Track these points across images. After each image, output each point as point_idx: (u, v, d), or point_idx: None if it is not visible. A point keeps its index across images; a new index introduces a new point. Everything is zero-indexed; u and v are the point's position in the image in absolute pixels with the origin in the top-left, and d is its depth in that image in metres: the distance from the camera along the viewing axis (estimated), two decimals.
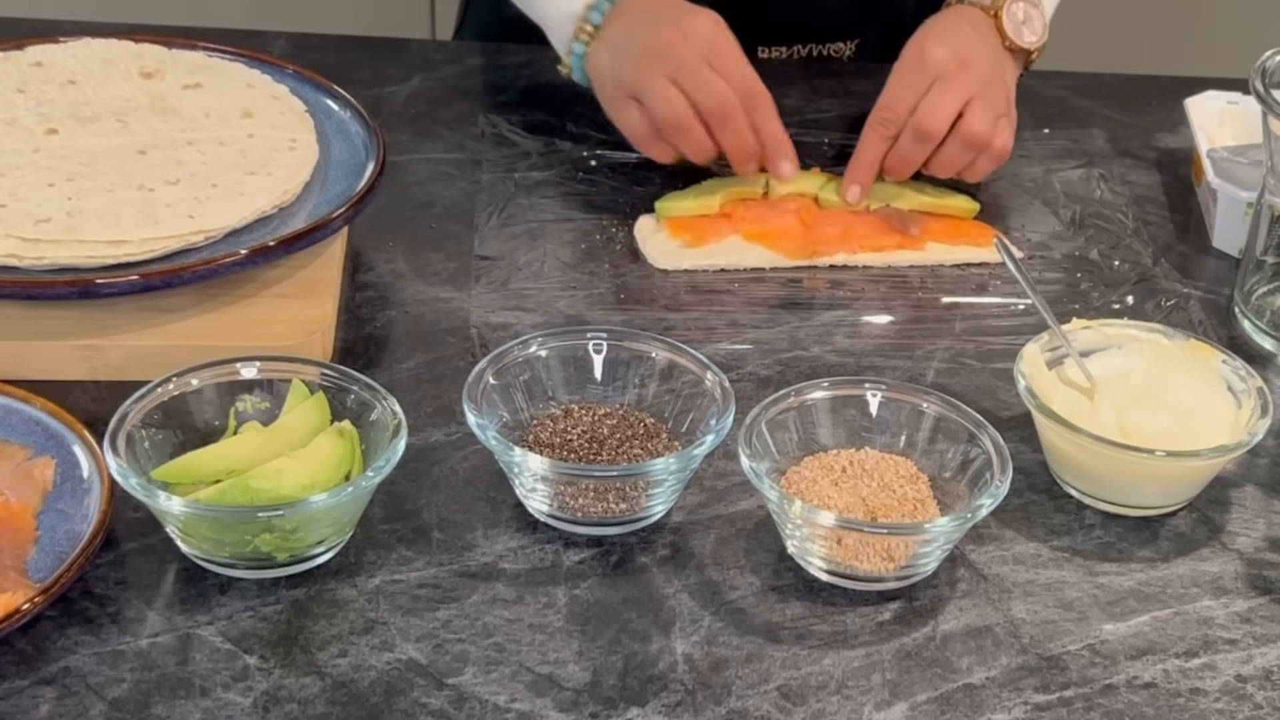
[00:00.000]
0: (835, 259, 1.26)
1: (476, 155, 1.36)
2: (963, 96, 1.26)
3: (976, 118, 1.26)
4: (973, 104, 1.26)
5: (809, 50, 1.52)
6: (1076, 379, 1.09)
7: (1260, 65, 1.17)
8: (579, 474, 1.00)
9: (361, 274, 1.22)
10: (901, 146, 1.28)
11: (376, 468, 0.96)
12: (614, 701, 0.91)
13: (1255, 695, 0.94)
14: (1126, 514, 1.06)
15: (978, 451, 1.02)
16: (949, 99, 1.26)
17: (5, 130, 1.19)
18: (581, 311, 1.20)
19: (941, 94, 1.26)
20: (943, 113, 1.26)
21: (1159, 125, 1.46)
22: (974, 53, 1.29)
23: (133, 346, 1.09)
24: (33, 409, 1.02)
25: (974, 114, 1.26)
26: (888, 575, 0.98)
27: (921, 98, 1.27)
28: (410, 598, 0.96)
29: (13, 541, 0.95)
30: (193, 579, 0.97)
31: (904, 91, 1.28)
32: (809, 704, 0.92)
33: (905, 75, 1.28)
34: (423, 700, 0.90)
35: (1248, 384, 1.07)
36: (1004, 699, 0.93)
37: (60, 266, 1.08)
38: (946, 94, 1.26)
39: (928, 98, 1.26)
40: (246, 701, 0.90)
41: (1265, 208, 1.20)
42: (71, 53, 1.28)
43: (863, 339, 1.19)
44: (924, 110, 1.26)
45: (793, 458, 1.04)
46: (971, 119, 1.26)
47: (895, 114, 1.27)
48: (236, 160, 1.19)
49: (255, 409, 1.03)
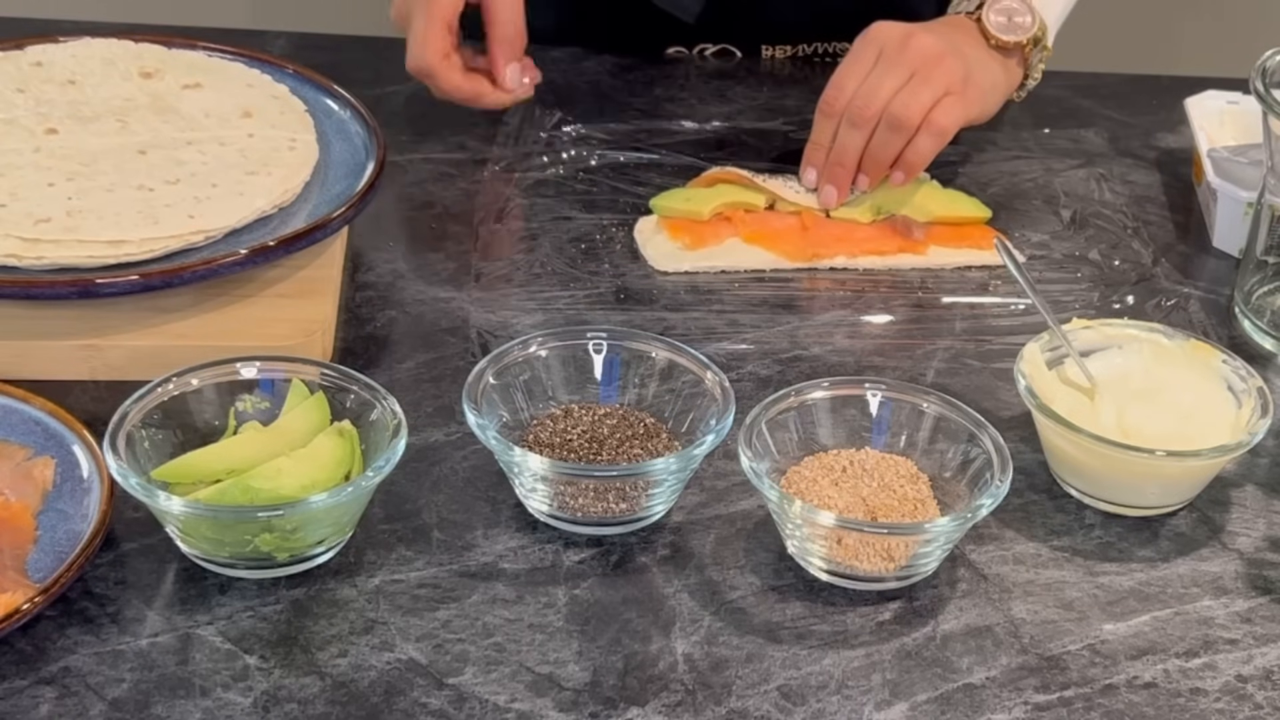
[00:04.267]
0: (835, 261, 1.26)
1: (476, 155, 1.36)
2: (904, 75, 1.23)
3: (904, 98, 1.23)
4: (910, 82, 1.23)
5: (813, 49, 1.52)
6: (1076, 379, 1.09)
7: (1260, 65, 1.17)
8: (579, 474, 1.00)
9: (361, 274, 1.22)
10: (841, 134, 1.25)
11: (376, 468, 0.96)
12: (614, 701, 0.91)
13: (1255, 695, 0.94)
14: (1126, 514, 1.06)
15: (978, 451, 1.02)
16: (888, 79, 1.23)
17: (5, 130, 1.19)
18: (581, 311, 1.19)
19: (881, 73, 1.23)
20: (880, 95, 1.23)
21: (1159, 125, 1.46)
22: (926, 32, 1.25)
23: (133, 346, 1.09)
24: (33, 409, 1.02)
25: (903, 94, 1.23)
26: (888, 575, 0.98)
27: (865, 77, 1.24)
28: (410, 598, 0.96)
29: (12, 541, 0.95)
30: (193, 579, 0.96)
31: (848, 71, 1.25)
32: (809, 704, 0.92)
33: (851, 55, 1.26)
34: (423, 700, 0.90)
35: (1248, 384, 1.07)
36: (1004, 699, 0.93)
37: (60, 266, 1.08)
38: (886, 73, 1.23)
39: (867, 81, 1.24)
40: (246, 701, 0.90)
41: (1265, 208, 1.20)
42: (71, 52, 1.28)
43: (863, 339, 1.19)
44: (860, 94, 1.23)
45: (793, 458, 1.04)
46: (898, 100, 1.23)
47: (840, 94, 1.25)
48: (236, 160, 1.19)
49: (255, 409, 1.03)
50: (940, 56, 1.25)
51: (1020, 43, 1.31)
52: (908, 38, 1.25)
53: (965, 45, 1.29)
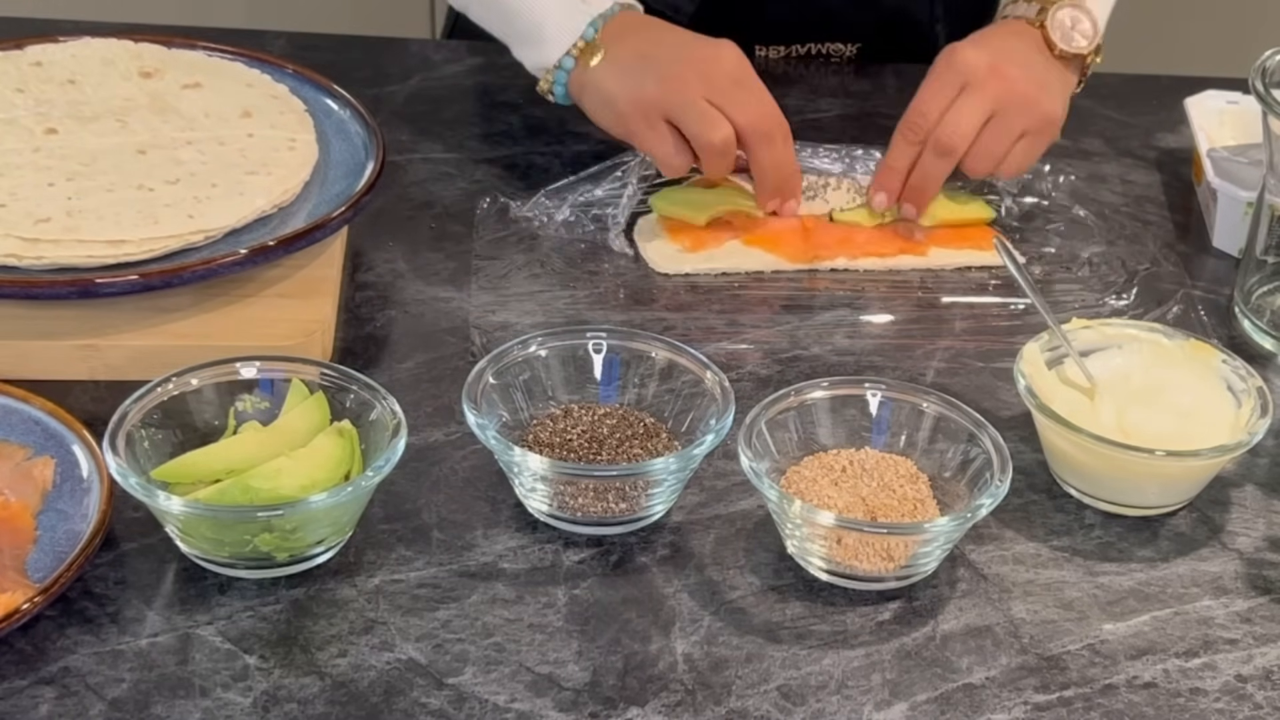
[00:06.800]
0: (836, 263, 1.26)
1: (476, 155, 1.36)
2: (987, 109, 1.24)
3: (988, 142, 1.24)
4: (991, 122, 1.24)
5: (807, 49, 1.52)
6: (1076, 379, 1.09)
7: (1260, 65, 1.17)
8: (579, 474, 1.00)
9: (361, 274, 1.22)
10: (924, 162, 1.25)
11: (376, 468, 0.96)
12: (614, 701, 0.91)
13: (1255, 695, 0.94)
14: (1126, 514, 1.06)
15: (978, 451, 1.02)
16: (973, 112, 1.23)
17: (5, 130, 1.19)
18: (581, 311, 1.19)
19: (966, 105, 1.24)
20: (965, 127, 1.23)
21: (1159, 125, 1.46)
22: (1009, 60, 1.25)
23: (132, 346, 1.09)
24: (32, 409, 1.02)
25: (987, 136, 1.24)
26: (888, 575, 0.98)
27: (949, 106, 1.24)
28: (410, 598, 0.96)
29: (12, 541, 0.95)
30: (192, 579, 0.96)
31: (933, 98, 1.25)
32: (809, 704, 0.92)
33: (935, 81, 1.26)
34: (422, 700, 0.90)
35: (1248, 384, 1.07)
36: (1004, 699, 0.93)
37: (60, 266, 1.08)
38: (971, 105, 1.24)
39: (952, 110, 1.24)
40: (246, 701, 0.90)
41: (1265, 208, 1.20)
42: (71, 52, 1.28)
43: (863, 339, 1.19)
44: (946, 123, 1.24)
45: (793, 457, 1.04)
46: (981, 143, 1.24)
47: (924, 120, 1.24)
48: (236, 160, 1.19)
49: (255, 409, 1.03)
50: (1025, 98, 1.24)
51: (1083, 55, 1.31)
52: (993, 70, 1.24)
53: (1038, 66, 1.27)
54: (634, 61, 1.24)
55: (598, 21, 1.25)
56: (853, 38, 1.52)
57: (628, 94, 1.23)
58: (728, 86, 1.22)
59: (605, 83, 1.25)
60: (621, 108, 1.24)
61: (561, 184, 1.29)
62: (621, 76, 1.24)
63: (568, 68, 1.26)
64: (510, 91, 1.44)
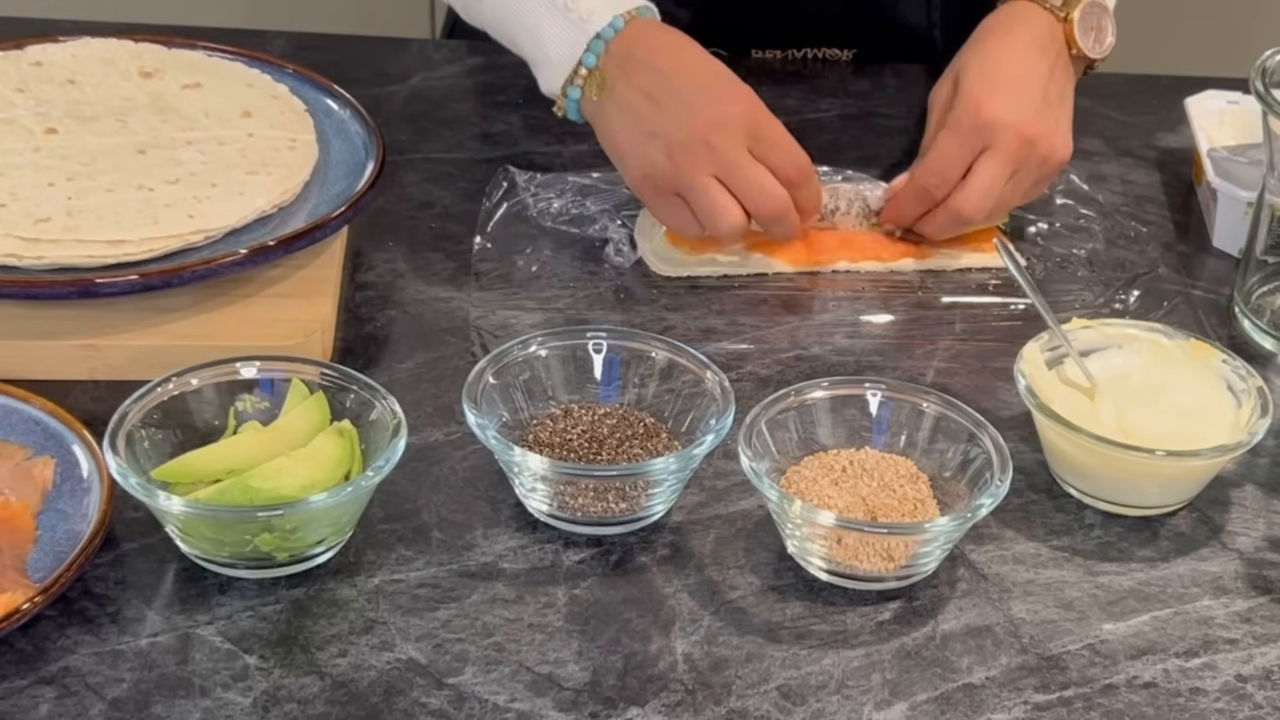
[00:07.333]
0: (837, 265, 1.26)
1: (476, 155, 1.36)
2: (1009, 173, 1.21)
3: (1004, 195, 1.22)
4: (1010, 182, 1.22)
5: (803, 54, 1.52)
6: (1076, 379, 1.09)
7: (1260, 65, 1.17)
8: (579, 474, 1.00)
9: (361, 274, 1.22)
10: (938, 219, 1.23)
11: (376, 467, 0.96)
12: (614, 701, 0.91)
13: (1255, 695, 0.94)
14: (1126, 514, 1.06)
15: (978, 451, 1.02)
16: (995, 180, 1.21)
17: (5, 130, 1.19)
18: (581, 311, 1.19)
19: (988, 172, 1.20)
20: (987, 200, 1.21)
21: (1159, 125, 1.46)
22: (1025, 101, 1.22)
23: (132, 346, 1.09)
24: (32, 409, 1.02)
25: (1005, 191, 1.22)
26: (888, 575, 0.98)
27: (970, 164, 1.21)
28: (410, 597, 0.96)
29: (12, 541, 0.95)
30: (192, 579, 0.96)
31: (952, 157, 1.21)
32: (809, 704, 0.92)
33: (956, 135, 1.21)
34: (422, 700, 0.90)
35: (1248, 384, 1.07)
36: (1004, 699, 0.93)
37: (60, 266, 1.08)
38: (994, 174, 1.20)
39: (974, 177, 1.21)
40: (246, 701, 0.90)
41: (1265, 208, 1.20)
42: (71, 52, 1.28)
43: (863, 339, 1.19)
44: (970, 195, 1.21)
45: (793, 457, 1.04)
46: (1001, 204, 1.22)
47: (943, 182, 1.21)
48: (236, 160, 1.19)
49: (255, 409, 1.03)
50: (1044, 156, 1.22)
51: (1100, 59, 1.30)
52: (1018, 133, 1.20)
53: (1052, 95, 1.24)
54: (642, 107, 1.17)
55: (596, 45, 1.19)
56: (849, 43, 1.51)
57: (636, 164, 1.18)
58: (737, 160, 1.16)
59: (613, 131, 1.20)
60: (632, 176, 1.20)
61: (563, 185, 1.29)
62: (629, 129, 1.18)
63: (575, 97, 1.21)
64: (510, 91, 1.44)
